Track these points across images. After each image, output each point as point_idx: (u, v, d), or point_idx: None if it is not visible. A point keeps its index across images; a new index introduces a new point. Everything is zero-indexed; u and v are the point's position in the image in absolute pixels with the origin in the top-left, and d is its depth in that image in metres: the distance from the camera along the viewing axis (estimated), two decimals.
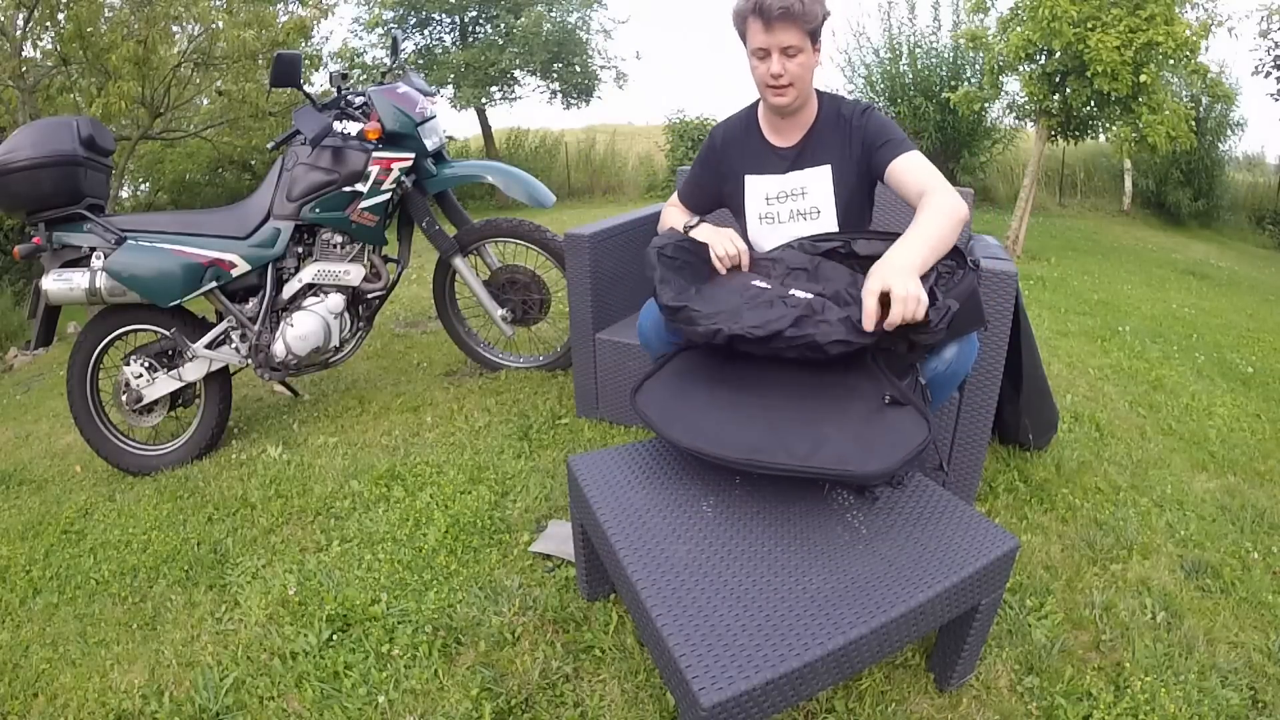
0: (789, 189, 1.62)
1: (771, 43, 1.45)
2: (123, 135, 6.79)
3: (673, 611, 1.02)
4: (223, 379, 2.42)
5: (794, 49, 1.46)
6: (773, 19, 1.42)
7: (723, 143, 1.69)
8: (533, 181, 2.56)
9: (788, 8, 1.40)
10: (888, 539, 1.16)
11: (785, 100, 1.52)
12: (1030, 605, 1.50)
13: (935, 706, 1.27)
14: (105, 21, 6.35)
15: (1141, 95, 5.61)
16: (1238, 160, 12.62)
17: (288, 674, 1.37)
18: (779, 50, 1.46)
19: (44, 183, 2.15)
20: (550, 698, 1.30)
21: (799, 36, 1.45)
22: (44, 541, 1.98)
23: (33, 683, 1.46)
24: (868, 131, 1.55)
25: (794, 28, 1.43)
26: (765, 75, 1.50)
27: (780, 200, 1.63)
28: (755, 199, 1.65)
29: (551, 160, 11.74)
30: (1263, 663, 1.40)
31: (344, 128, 2.40)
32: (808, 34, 1.46)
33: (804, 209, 1.61)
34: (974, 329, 1.37)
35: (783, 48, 1.46)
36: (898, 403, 1.22)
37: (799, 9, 1.41)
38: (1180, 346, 3.63)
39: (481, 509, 1.84)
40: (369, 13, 11.10)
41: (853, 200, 1.60)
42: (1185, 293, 5.43)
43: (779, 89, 1.50)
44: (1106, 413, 2.53)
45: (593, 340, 2.25)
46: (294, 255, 2.41)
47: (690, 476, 1.32)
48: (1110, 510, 1.89)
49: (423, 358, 3.14)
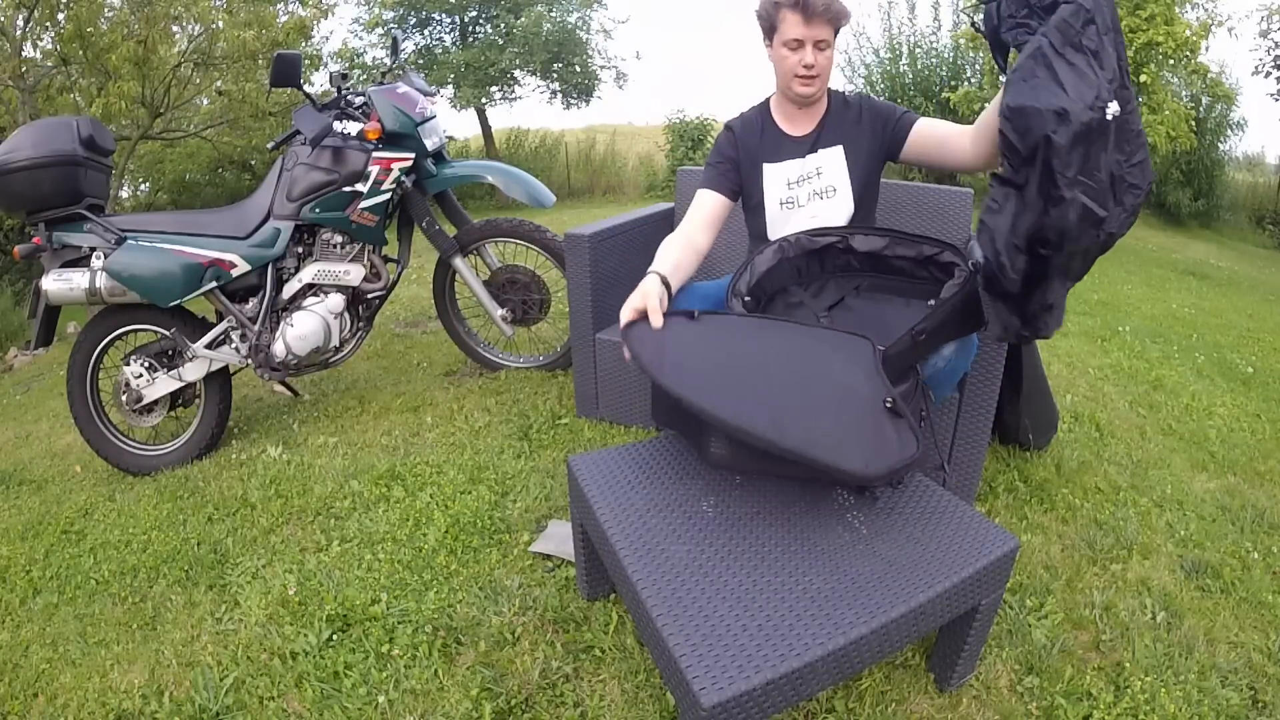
0: (806, 171, 1.69)
1: (808, 35, 1.54)
2: (123, 135, 6.78)
3: (673, 611, 1.02)
4: (223, 379, 2.42)
5: (824, 43, 1.56)
6: (815, 14, 1.51)
7: (739, 137, 1.74)
8: (533, 181, 2.57)
9: (829, 4, 1.50)
10: (888, 539, 1.16)
11: (811, 90, 1.61)
12: (1030, 605, 1.50)
13: (935, 706, 1.27)
14: (105, 21, 6.35)
15: (1141, 95, 5.62)
16: (1238, 160, 12.61)
17: (288, 674, 1.37)
18: (813, 43, 1.55)
19: (44, 183, 2.15)
20: (550, 698, 1.30)
21: (830, 32, 1.55)
22: (44, 541, 1.98)
23: (33, 683, 1.46)
24: (877, 110, 1.66)
25: (828, 24, 1.53)
26: (796, 66, 1.57)
27: (799, 184, 1.69)
28: (776, 185, 1.70)
29: (551, 160, 11.73)
30: (1263, 663, 1.40)
31: (344, 128, 2.40)
32: (835, 31, 1.56)
33: (821, 188, 1.68)
34: (974, 329, 1.37)
35: (816, 40, 1.55)
36: (896, 413, 1.22)
37: (838, 6, 1.52)
38: (1180, 346, 3.63)
39: (481, 509, 1.84)
40: (369, 13, 11.09)
41: (864, 177, 1.68)
42: (1185, 293, 5.43)
43: (808, 79, 1.59)
44: (1106, 413, 2.53)
45: (593, 340, 2.25)
46: (294, 255, 2.41)
47: (690, 476, 1.32)
48: (1110, 510, 1.89)
49: (423, 358, 3.14)
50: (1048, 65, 1.09)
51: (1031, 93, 1.09)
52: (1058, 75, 1.08)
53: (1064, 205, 1.08)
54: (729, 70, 17.23)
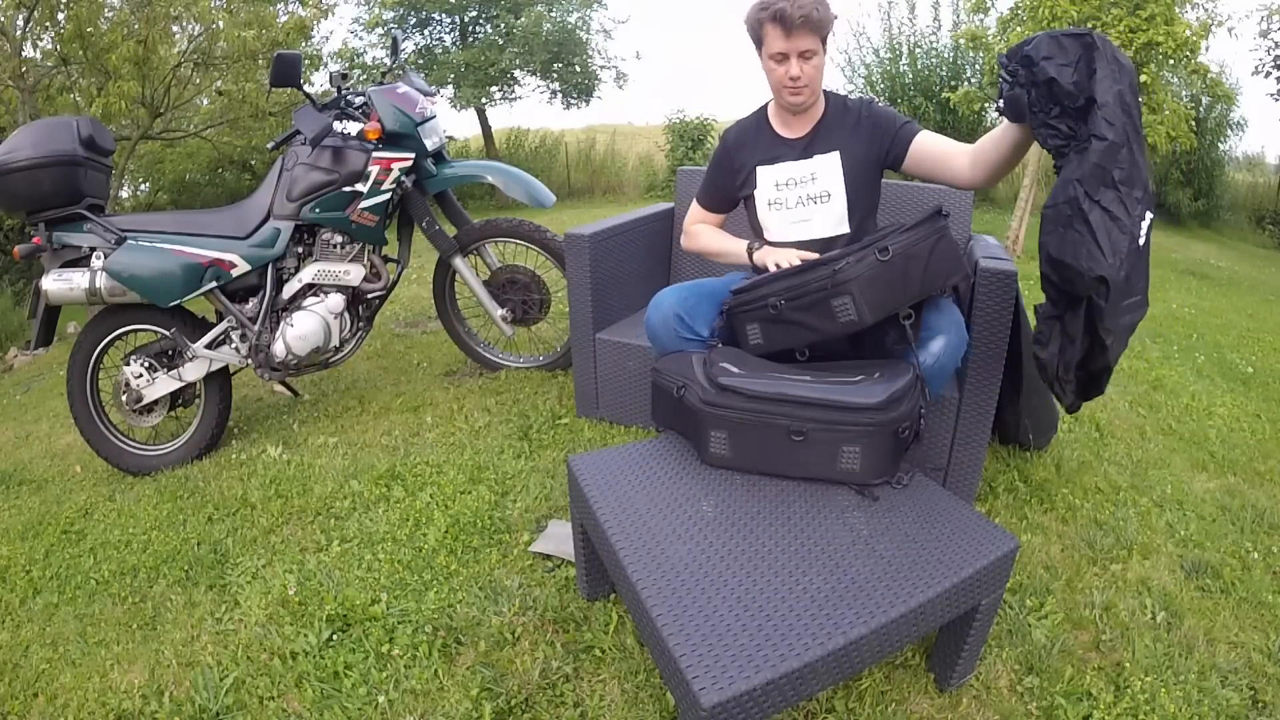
0: (799, 176, 1.69)
1: (790, 48, 1.56)
2: (123, 135, 6.78)
3: (673, 611, 1.02)
4: (223, 379, 2.42)
5: (810, 53, 1.57)
6: (793, 27, 1.52)
7: (735, 142, 1.78)
8: (533, 181, 2.57)
9: (807, 16, 1.51)
10: (888, 539, 1.16)
11: (801, 99, 1.62)
12: (1030, 605, 1.50)
13: (935, 706, 1.27)
14: (105, 21, 6.34)
15: (1141, 95, 5.61)
16: (1238, 160, 12.59)
17: (288, 674, 1.37)
18: (797, 55, 1.56)
19: (44, 183, 2.15)
20: (550, 698, 1.30)
21: (814, 41, 1.56)
22: (44, 541, 1.98)
23: (33, 683, 1.46)
24: (878, 118, 1.67)
25: (811, 34, 1.54)
26: (783, 78, 1.59)
27: (789, 186, 1.70)
28: (765, 187, 1.72)
29: (551, 160, 11.72)
30: (1263, 663, 1.40)
31: (344, 128, 2.40)
32: (821, 39, 1.56)
33: (815, 193, 1.69)
34: (954, 277, 1.40)
35: (800, 52, 1.57)
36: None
37: (817, 16, 1.52)
38: (1180, 346, 3.63)
39: (481, 509, 1.84)
40: (369, 13, 11.08)
41: (860, 183, 1.69)
42: (1185, 293, 5.42)
43: (796, 89, 1.60)
44: (1106, 413, 2.53)
45: (593, 340, 2.25)
46: (294, 255, 2.41)
47: (690, 476, 1.33)
48: (1110, 510, 1.89)
49: (423, 358, 3.14)
50: (1084, 219, 1.17)
51: (1072, 250, 1.18)
52: (1094, 230, 1.17)
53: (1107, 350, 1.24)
54: (729, 70, 17.40)
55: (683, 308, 1.61)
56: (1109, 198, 1.16)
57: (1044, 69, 1.21)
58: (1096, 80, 1.17)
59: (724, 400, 1.33)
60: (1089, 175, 1.16)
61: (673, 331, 1.60)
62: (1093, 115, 1.17)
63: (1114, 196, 1.16)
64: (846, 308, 1.35)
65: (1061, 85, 1.19)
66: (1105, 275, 1.16)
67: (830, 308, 1.37)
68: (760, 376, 1.35)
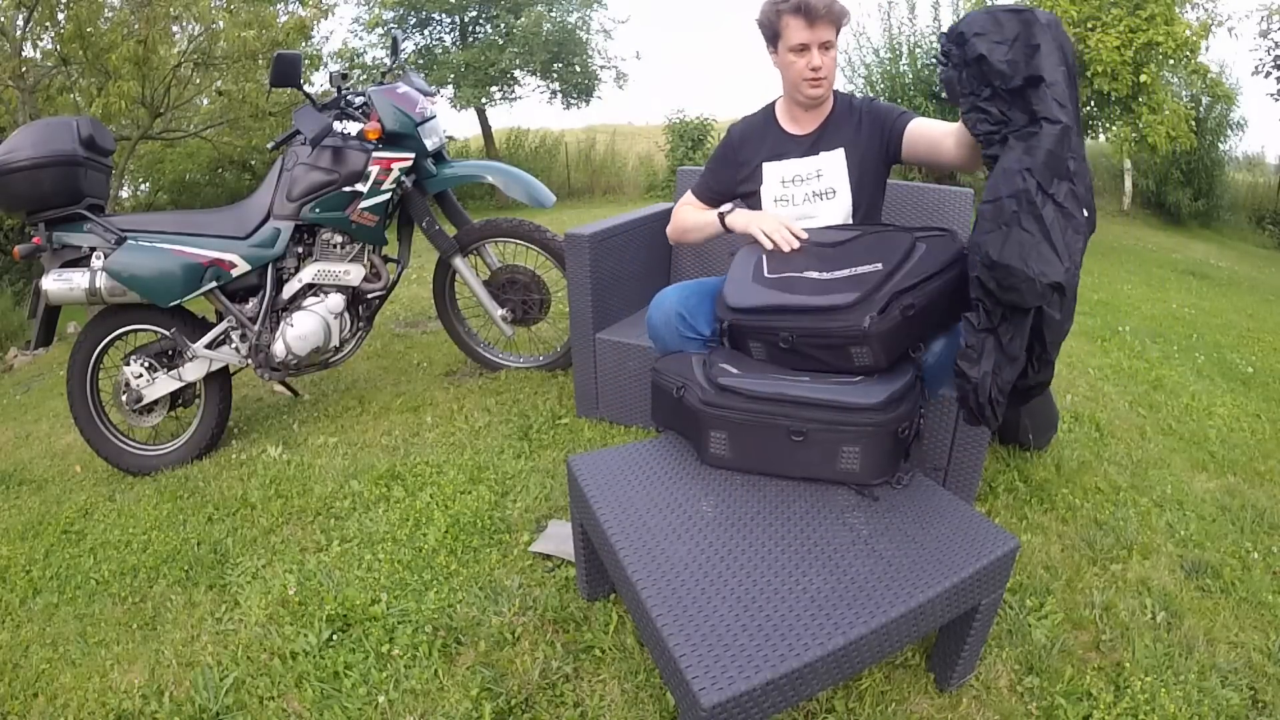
0: (805, 173, 1.69)
1: (813, 38, 1.55)
2: (123, 135, 6.78)
3: (673, 611, 1.02)
4: (223, 379, 2.42)
5: (829, 44, 1.58)
6: (817, 17, 1.52)
7: (740, 138, 1.77)
8: (533, 182, 2.57)
9: (830, 6, 1.51)
10: (888, 539, 1.16)
11: (820, 91, 1.62)
12: (1030, 605, 1.50)
13: (935, 706, 1.27)
14: (105, 21, 6.35)
15: (1141, 95, 5.62)
16: (1238, 160, 12.59)
17: (288, 674, 1.37)
18: (818, 45, 1.56)
19: (44, 183, 2.15)
20: (550, 698, 1.30)
21: (833, 32, 1.57)
22: (44, 541, 1.98)
23: (33, 683, 1.46)
24: (877, 113, 1.67)
25: (831, 25, 1.55)
26: (804, 69, 1.59)
27: (795, 183, 1.70)
28: (771, 183, 1.72)
29: (551, 160, 11.73)
30: (1263, 663, 1.40)
31: (344, 128, 2.40)
32: (838, 30, 1.58)
33: (821, 190, 1.69)
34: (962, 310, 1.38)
35: (821, 43, 1.56)
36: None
37: (838, 8, 1.54)
38: (1180, 346, 3.63)
39: (481, 509, 1.84)
40: (369, 13, 11.10)
41: (865, 181, 1.69)
42: (1185, 293, 5.43)
43: (816, 81, 1.60)
44: (1106, 413, 2.53)
45: (593, 340, 2.25)
46: (294, 255, 2.41)
47: (690, 476, 1.33)
48: (1110, 510, 1.89)
49: (423, 358, 3.13)
50: (1036, 217, 1.02)
51: (1019, 252, 1.03)
52: (1047, 229, 1.02)
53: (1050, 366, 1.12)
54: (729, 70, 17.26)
55: (684, 306, 1.61)
56: (1062, 191, 1.03)
57: (974, 45, 1.09)
58: (1041, 56, 1.04)
59: (724, 400, 1.33)
60: (1042, 165, 1.02)
61: (674, 330, 1.60)
62: (1040, 95, 1.03)
63: (1067, 189, 1.03)
64: (864, 355, 1.33)
65: (991, 63, 1.07)
66: (1060, 281, 1.03)
67: (847, 353, 1.34)
68: (760, 377, 1.34)
